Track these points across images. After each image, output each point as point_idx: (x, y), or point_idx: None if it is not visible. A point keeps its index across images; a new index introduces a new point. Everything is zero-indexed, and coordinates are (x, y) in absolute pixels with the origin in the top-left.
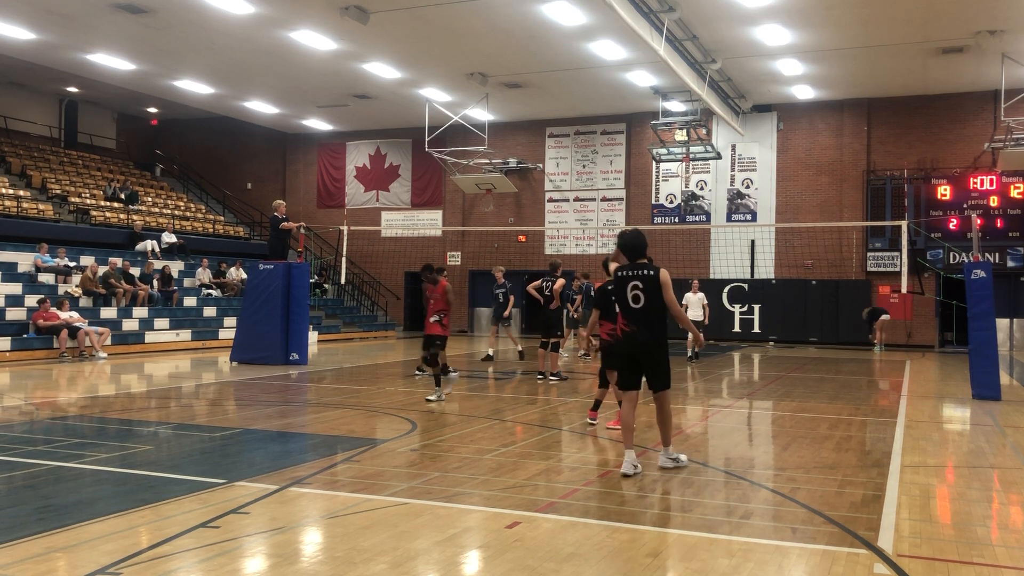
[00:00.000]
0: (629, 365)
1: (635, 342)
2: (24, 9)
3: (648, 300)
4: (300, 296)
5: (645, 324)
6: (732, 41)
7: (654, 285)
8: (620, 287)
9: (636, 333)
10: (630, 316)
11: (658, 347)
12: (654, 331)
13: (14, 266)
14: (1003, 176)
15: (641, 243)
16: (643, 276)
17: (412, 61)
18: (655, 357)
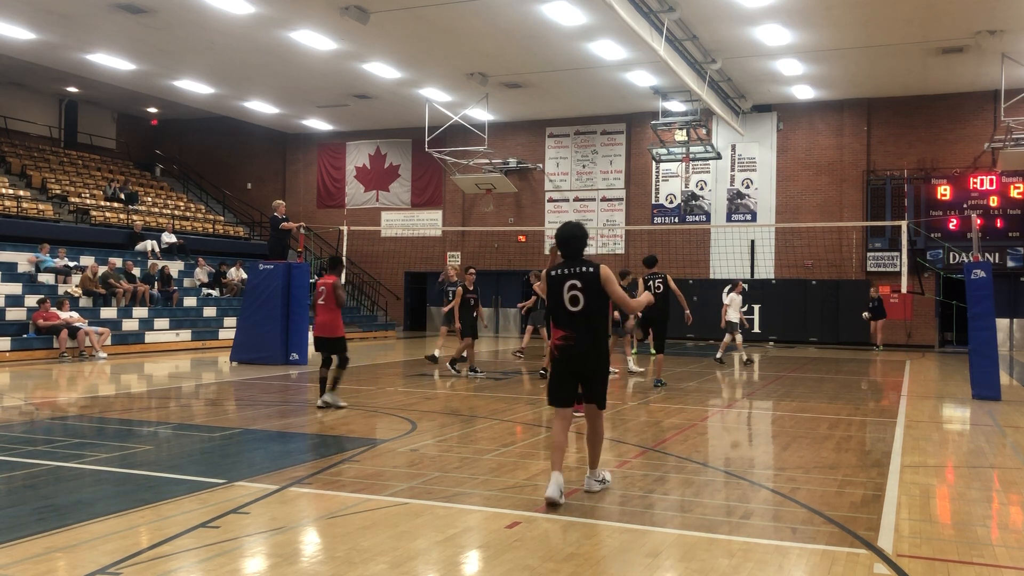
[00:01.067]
0: (562, 377)
1: (572, 352)
2: (24, 9)
3: (588, 302)
4: (300, 296)
5: (584, 330)
6: (732, 41)
7: (594, 284)
8: (554, 289)
9: (574, 341)
10: (566, 321)
11: (599, 357)
12: (595, 339)
13: (14, 266)
14: (1003, 176)
15: (580, 236)
16: (581, 274)
17: (412, 61)
18: (594, 368)
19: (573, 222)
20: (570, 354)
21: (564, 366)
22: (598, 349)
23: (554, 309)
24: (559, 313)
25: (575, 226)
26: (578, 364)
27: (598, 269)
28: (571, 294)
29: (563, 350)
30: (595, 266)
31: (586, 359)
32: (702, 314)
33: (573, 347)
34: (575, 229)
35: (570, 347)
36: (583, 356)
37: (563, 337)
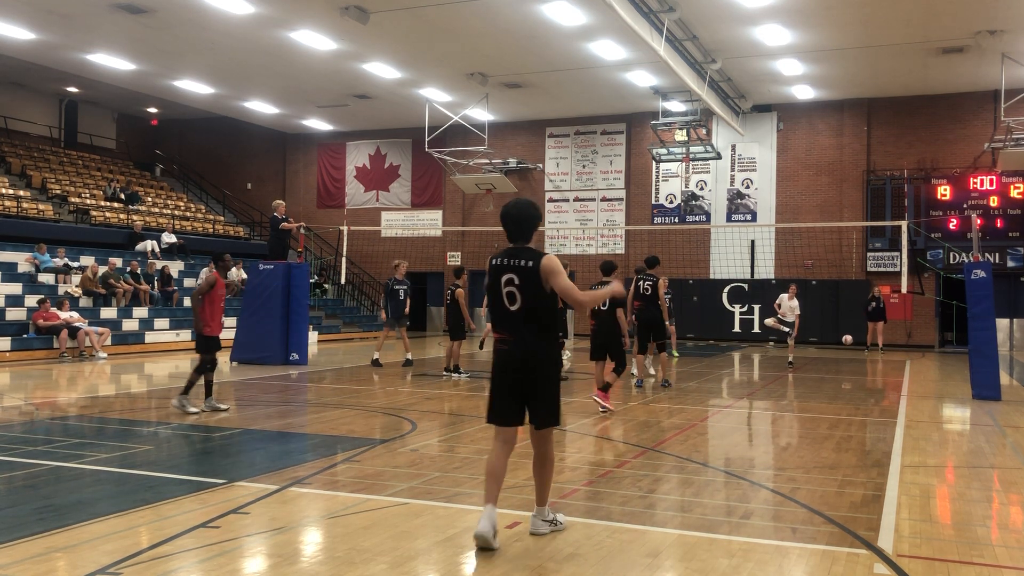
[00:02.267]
0: (501, 389)
1: (509, 358)
2: (24, 9)
3: (527, 300)
4: (300, 296)
5: (524, 332)
6: (732, 41)
7: (532, 280)
8: (493, 281)
9: (510, 345)
10: (504, 322)
11: (541, 364)
12: (537, 343)
13: (14, 266)
14: (1003, 176)
15: (528, 216)
16: (519, 268)
17: (412, 61)
18: (537, 378)
19: (524, 199)
20: (507, 360)
21: (502, 376)
22: (542, 355)
23: (492, 306)
24: (497, 311)
25: (525, 205)
26: (517, 373)
27: (538, 262)
28: (508, 290)
29: (500, 355)
30: (535, 258)
31: (526, 367)
32: (702, 314)
33: (510, 352)
34: (525, 208)
35: (507, 352)
36: (522, 363)
37: (500, 340)
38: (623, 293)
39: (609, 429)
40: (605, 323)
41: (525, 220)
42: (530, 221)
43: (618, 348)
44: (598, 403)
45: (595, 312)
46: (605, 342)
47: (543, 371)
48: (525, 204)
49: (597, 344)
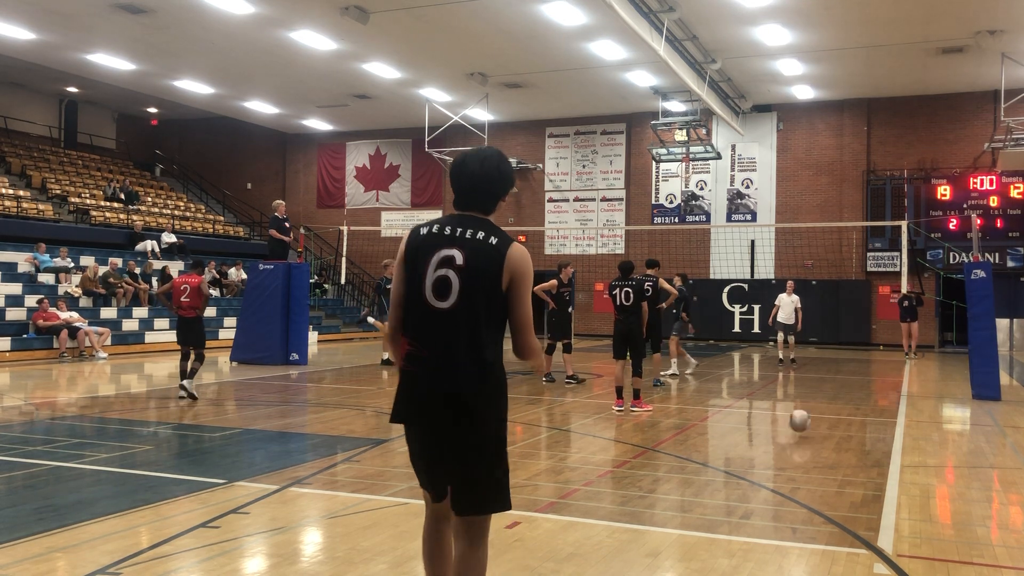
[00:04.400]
0: (414, 438)
1: (423, 391)
2: (24, 9)
3: (467, 296)
4: (300, 296)
5: (458, 348)
6: (732, 41)
7: (487, 267)
8: (411, 260)
9: (428, 366)
10: (421, 326)
11: (475, 408)
12: (474, 368)
13: (14, 266)
14: (1003, 176)
15: (494, 174)
16: (467, 241)
17: (412, 61)
18: (466, 432)
19: (490, 149)
20: (420, 389)
21: (414, 414)
22: (478, 391)
23: (405, 298)
24: (412, 305)
25: (492, 157)
26: (434, 412)
27: (507, 246)
28: (439, 274)
29: (409, 381)
30: (500, 238)
31: (450, 409)
32: (702, 314)
33: (425, 376)
34: (491, 162)
35: (420, 376)
36: (444, 402)
37: (410, 356)
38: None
39: (609, 429)
40: (628, 317)
41: (489, 181)
42: (496, 183)
43: (639, 346)
44: (640, 412)
45: (617, 307)
46: (628, 336)
47: (479, 419)
48: (492, 156)
49: (617, 337)
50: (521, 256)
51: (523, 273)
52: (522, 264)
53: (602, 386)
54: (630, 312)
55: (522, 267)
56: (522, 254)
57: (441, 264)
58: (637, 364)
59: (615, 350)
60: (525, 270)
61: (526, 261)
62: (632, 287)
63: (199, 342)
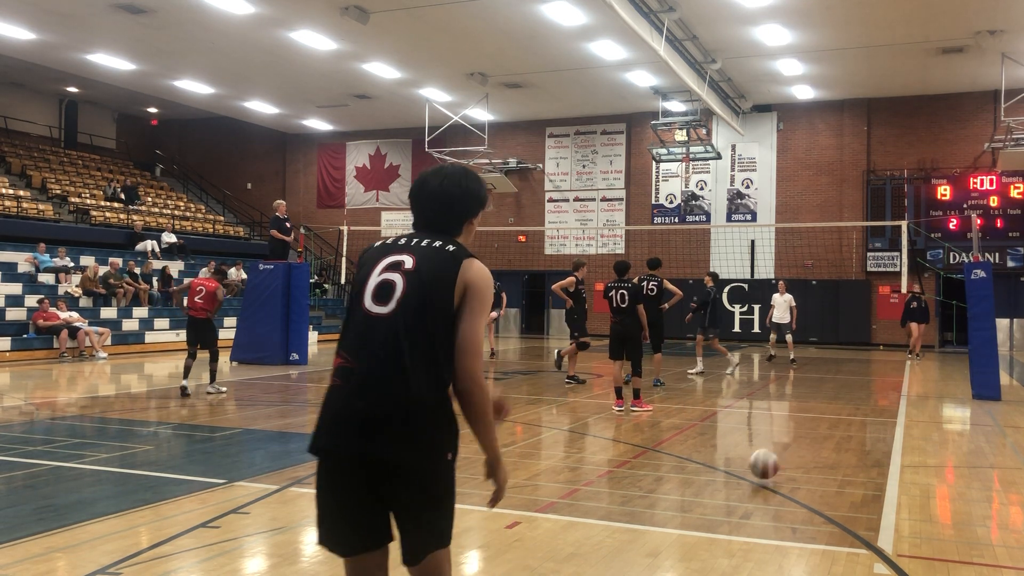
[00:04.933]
0: (333, 483)
1: (354, 411)
2: (24, 9)
3: (413, 301)
4: (300, 296)
5: (400, 361)
6: (732, 41)
7: (439, 276)
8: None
9: (358, 382)
10: (355, 336)
11: (420, 438)
12: (419, 388)
13: (14, 266)
14: (1003, 176)
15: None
16: (419, 248)
17: (412, 61)
18: (408, 457)
19: (457, 167)
20: (349, 413)
21: (340, 446)
22: (415, 405)
23: (348, 311)
24: (351, 317)
25: (457, 176)
26: (365, 440)
27: (462, 258)
28: (383, 279)
29: (331, 398)
30: (458, 249)
31: (377, 426)
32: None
33: (355, 392)
34: (456, 181)
35: (349, 392)
36: (379, 425)
37: (339, 369)
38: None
39: (609, 429)
40: (625, 319)
41: (450, 198)
42: (458, 201)
43: (636, 347)
44: (640, 412)
45: (614, 309)
46: (624, 337)
47: (418, 443)
48: (454, 173)
49: (614, 340)
50: (480, 270)
51: (480, 288)
52: (480, 278)
53: (602, 386)
54: (626, 313)
55: (480, 281)
56: (482, 269)
57: (387, 268)
58: (636, 364)
59: (611, 351)
60: (483, 285)
61: (486, 277)
62: (628, 289)
63: (209, 342)
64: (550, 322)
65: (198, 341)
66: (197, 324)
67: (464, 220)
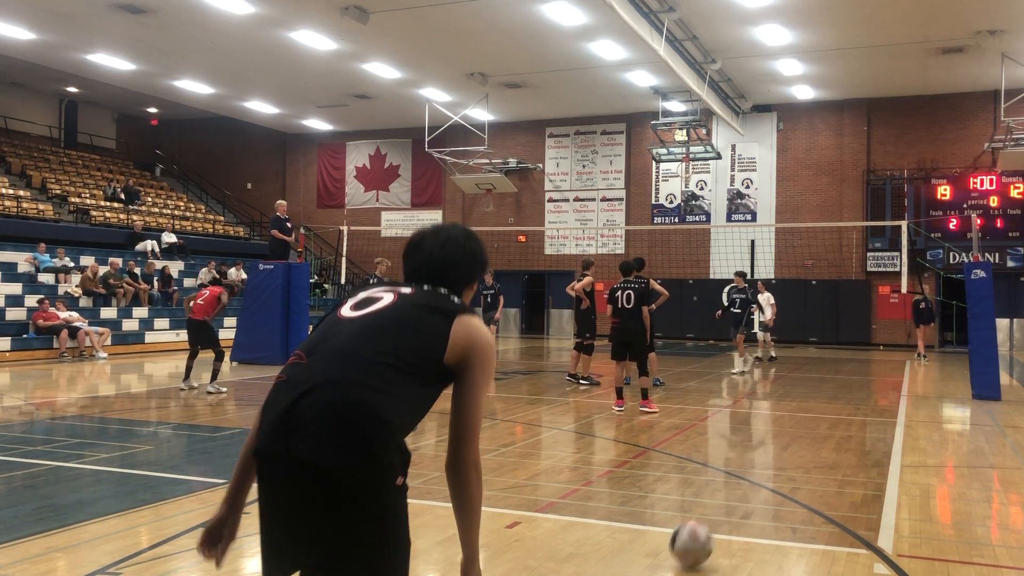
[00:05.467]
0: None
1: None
2: (24, 9)
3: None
4: (300, 296)
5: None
6: (732, 41)
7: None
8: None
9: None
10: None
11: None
12: (370, 450)
13: (14, 266)
14: (1003, 176)
15: (461, 258)
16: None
17: (412, 61)
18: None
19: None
20: (284, 413)
21: (270, 448)
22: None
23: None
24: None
25: (454, 237)
26: (298, 441)
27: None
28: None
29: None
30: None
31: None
32: (702, 314)
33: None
34: (453, 244)
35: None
36: (310, 425)
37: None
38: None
39: (609, 429)
40: (628, 321)
41: (452, 265)
42: (463, 267)
43: (640, 348)
44: (648, 412)
45: (617, 310)
46: (628, 341)
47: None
48: (457, 236)
49: (619, 343)
50: (486, 332)
51: (486, 351)
52: (486, 341)
53: (602, 386)
54: (629, 315)
55: (485, 344)
56: (487, 331)
57: (364, 303)
58: (642, 365)
59: (615, 352)
60: (488, 350)
61: (490, 342)
62: (635, 289)
63: (209, 343)
64: (550, 322)
65: (197, 342)
66: (194, 326)
67: (464, 286)
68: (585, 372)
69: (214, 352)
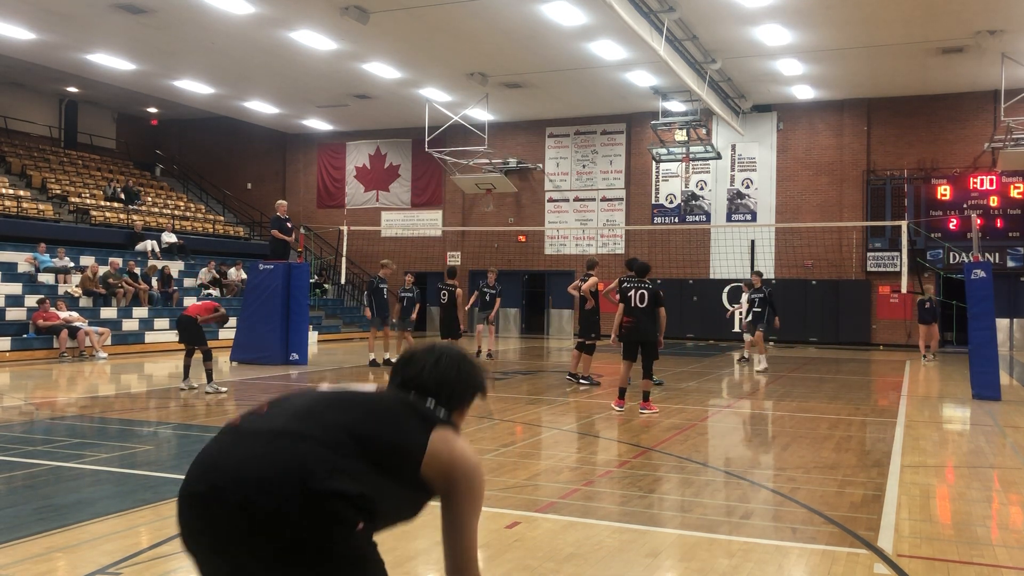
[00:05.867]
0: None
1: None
2: (24, 9)
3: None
4: (300, 296)
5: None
6: (732, 41)
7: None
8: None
9: (251, 421)
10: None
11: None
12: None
13: (14, 266)
14: (1003, 176)
15: (439, 377)
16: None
17: (412, 61)
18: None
19: (442, 347)
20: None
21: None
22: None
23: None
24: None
25: (447, 355)
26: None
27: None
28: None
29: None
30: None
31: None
32: (702, 314)
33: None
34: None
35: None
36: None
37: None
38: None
39: (609, 429)
40: (643, 321)
41: (446, 384)
42: (455, 386)
43: (652, 349)
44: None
45: (630, 309)
46: (641, 341)
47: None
48: (455, 357)
49: (631, 343)
50: (472, 454)
51: (470, 476)
52: (472, 463)
53: (602, 386)
54: (644, 314)
55: (469, 467)
56: (472, 454)
57: (353, 384)
58: (649, 368)
59: (627, 352)
60: (473, 473)
61: (475, 465)
62: (648, 289)
63: (196, 340)
64: (550, 322)
65: (183, 340)
66: (183, 323)
67: (455, 407)
68: (585, 372)
69: (201, 352)
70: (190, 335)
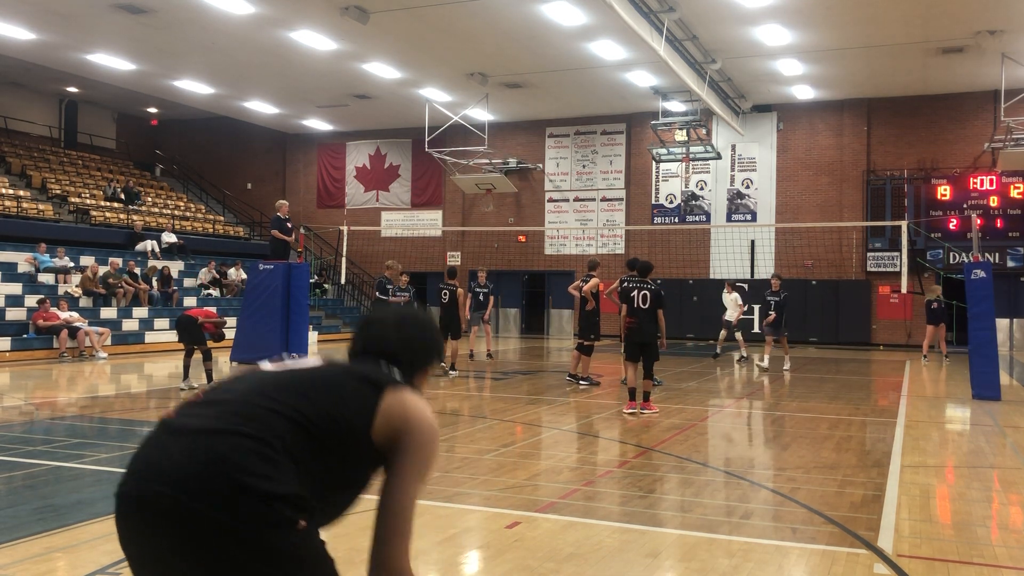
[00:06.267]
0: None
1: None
2: (24, 9)
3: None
4: (300, 296)
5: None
6: (732, 41)
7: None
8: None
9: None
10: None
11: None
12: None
13: (14, 266)
14: (1003, 176)
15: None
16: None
17: (412, 61)
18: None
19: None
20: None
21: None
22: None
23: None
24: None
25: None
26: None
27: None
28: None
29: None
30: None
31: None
32: (702, 314)
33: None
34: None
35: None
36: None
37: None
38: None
39: (609, 429)
40: (645, 322)
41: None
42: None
43: (653, 350)
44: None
45: (633, 310)
46: (644, 342)
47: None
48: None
49: (633, 344)
50: (428, 413)
51: (421, 434)
52: (427, 421)
53: (601, 386)
54: (645, 315)
55: (426, 424)
56: (429, 412)
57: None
58: (650, 368)
59: (629, 353)
60: (426, 432)
61: (433, 425)
62: (651, 290)
63: (195, 340)
64: (550, 322)
65: (183, 340)
66: (183, 322)
67: (416, 370)
68: (585, 372)
69: (201, 352)
70: (190, 335)
